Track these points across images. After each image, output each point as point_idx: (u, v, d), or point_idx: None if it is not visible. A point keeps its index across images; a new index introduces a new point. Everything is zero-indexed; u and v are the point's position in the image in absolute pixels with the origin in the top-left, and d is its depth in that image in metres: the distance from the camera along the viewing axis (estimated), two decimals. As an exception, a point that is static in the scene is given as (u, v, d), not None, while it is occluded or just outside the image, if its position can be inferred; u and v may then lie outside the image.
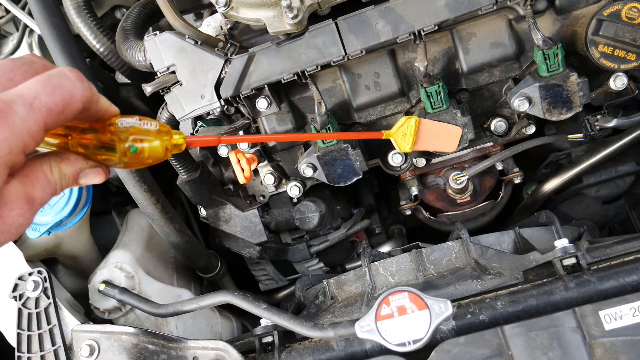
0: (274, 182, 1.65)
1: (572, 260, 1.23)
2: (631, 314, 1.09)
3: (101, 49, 1.59)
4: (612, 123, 1.46)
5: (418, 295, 1.13)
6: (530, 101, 1.38)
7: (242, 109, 1.49)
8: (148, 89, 1.42)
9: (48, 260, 1.69)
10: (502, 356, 1.12)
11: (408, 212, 1.84)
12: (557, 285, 1.20)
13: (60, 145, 0.79)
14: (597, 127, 1.48)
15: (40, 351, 1.37)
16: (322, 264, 1.80)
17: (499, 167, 1.68)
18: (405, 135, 1.38)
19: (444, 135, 1.40)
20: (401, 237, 2.03)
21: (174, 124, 1.44)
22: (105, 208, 1.89)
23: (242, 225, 1.61)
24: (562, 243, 1.24)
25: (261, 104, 1.41)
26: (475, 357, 1.13)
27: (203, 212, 1.67)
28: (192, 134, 1.43)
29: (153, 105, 1.74)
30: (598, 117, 1.48)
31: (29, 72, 0.74)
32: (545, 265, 1.28)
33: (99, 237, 1.85)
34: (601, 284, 1.18)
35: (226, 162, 1.67)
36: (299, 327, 1.25)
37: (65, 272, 1.80)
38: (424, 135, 1.39)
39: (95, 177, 0.84)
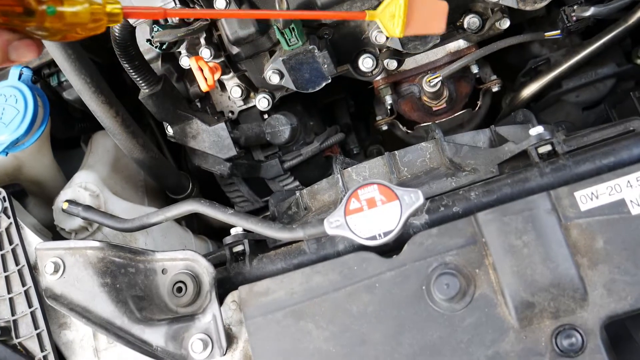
0: (242, 96, 1.58)
1: (548, 147, 1.18)
2: (607, 193, 1.04)
3: None
4: (590, 12, 1.39)
5: (387, 186, 1.08)
6: (503, -11, 1.31)
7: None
8: (99, -9, 1.34)
9: (18, 193, 1.62)
10: (475, 244, 1.09)
11: (385, 127, 1.79)
12: (532, 172, 1.16)
13: None
14: (574, 18, 1.42)
15: (4, 272, 1.33)
16: (297, 182, 1.75)
17: (475, 70, 1.62)
18: (394, 17, 1.15)
19: (432, 14, 1.20)
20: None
21: (130, 29, 1.36)
22: (70, 135, 1.82)
23: (210, 140, 1.55)
24: (537, 130, 1.20)
25: (219, 3, 1.33)
26: (448, 247, 1.10)
27: (170, 130, 1.60)
28: (148, 40, 1.35)
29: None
30: (575, 7, 1.41)
31: None
32: (521, 157, 1.24)
33: (69, 170, 1.79)
34: (577, 167, 1.13)
35: (191, 76, 1.59)
36: (267, 229, 1.21)
37: (35, 204, 1.75)
38: (414, 16, 1.17)
39: (26, 52, 0.79)
